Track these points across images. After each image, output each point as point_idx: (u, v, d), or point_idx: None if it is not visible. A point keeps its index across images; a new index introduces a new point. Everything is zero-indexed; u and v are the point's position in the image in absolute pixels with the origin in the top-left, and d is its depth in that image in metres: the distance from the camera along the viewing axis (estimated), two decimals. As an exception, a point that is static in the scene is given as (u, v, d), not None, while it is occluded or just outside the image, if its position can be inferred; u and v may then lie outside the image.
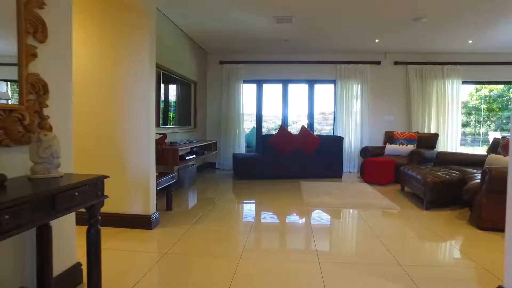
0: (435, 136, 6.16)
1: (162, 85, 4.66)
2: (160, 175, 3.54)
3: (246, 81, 7.24)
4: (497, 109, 12.27)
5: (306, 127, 7.05)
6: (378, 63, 6.91)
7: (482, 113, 12.29)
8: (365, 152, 6.31)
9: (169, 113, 5.14)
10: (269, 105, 7.54)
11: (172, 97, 5.30)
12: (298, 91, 7.41)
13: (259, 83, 7.33)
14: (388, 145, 6.36)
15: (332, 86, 7.19)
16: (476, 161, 4.93)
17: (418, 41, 6.00)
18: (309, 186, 5.26)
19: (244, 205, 4.33)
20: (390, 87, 7.00)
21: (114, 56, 3.01)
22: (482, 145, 11.10)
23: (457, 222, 3.53)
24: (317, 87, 7.30)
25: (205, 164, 7.17)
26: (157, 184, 3.31)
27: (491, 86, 11.58)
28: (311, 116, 7.32)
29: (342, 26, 5.24)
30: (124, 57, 3.00)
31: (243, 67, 7.11)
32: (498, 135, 9.18)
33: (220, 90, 7.20)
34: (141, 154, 3.03)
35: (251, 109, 7.52)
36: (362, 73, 6.91)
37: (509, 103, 12.41)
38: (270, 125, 8.10)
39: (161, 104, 4.63)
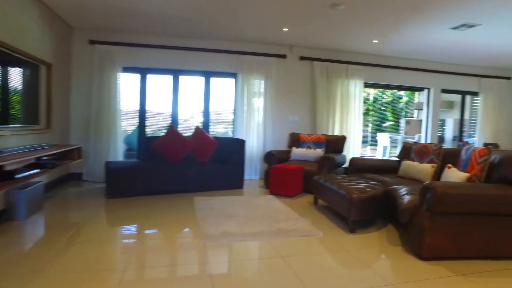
0: (343, 139, 5.70)
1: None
2: None
3: (126, 69, 5.69)
4: (372, 112, 13.29)
5: (201, 127, 5.91)
6: (284, 56, 6.18)
7: (369, 115, 13.05)
8: (269, 157, 5.47)
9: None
10: (157, 100, 6.13)
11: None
12: (191, 84, 6.18)
13: (143, 72, 5.86)
14: (294, 149, 5.66)
15: (232, 80, 6.18)
16: (389, 168, 4.53)
17: (325, 35, 5.42)
18: (206, 204, 4.13)
19: (108, 248, 2.92)
20: (295, 84, 6.35)
21: None
22: (371, 144, 11.73)
23: (393, 250, 2.86)
24: (215, 80, 6.20)
25: (67, 175, 5.39)
26: None
27: (369, 90, 12.36)
28: (206, 114, 6.18)
29: (249, 6, 4.25)
30: None
31: (122, 50, 5.54)
32: (385, 136, 9.56)
33: (90, 78, 5.49)
34: None
35: (133, 105, 5.99)
36: (266, 67, 6.07)
37: (382, 107, 13.68)
38: (161, 123, 6.67)
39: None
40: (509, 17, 4.33)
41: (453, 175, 3.25)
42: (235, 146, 5.32)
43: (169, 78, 5.99)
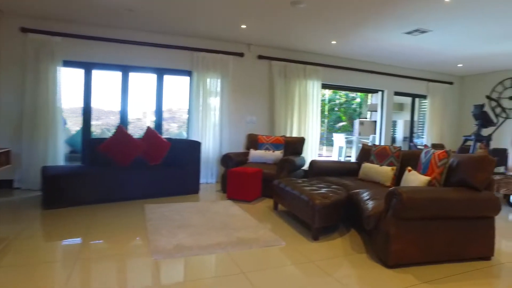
0: (302, 140, 5.60)
1: None
2: None
3: (67, 63, 5.10)
4: (327, 113, 13.57)
5: (153, 127, 5.51)
6: (241, 55, 5.95)
7: (324, 116, 13.23)
8: (226, 160, 5.21)
9: None
10: (105, 98, 5.59)
11: None
12: (143, 81, 5.74)
13: (88, 67, 5.30)
14: (252, 151, 5.46)
15: (187, 78, 5.83)
16: (349, 170, 4.48)
17: (285, 34, 5.28)
18: (158, 213, 3.78)
19: (41, 270, 2.49)
20: (253, 83, 6.15)
21: None
22: (326, 145, 11.88)
23: (358, 258, 2.75)
24: (168, 78, 5.81)
25: (-5, 182, 4.73)
26: None
27: (325, 91, 12.56)
28: (159, 113, 5.76)
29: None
30: None
31: (62, 42, 4.96)
32: (341, 137, 9.72)
33: (23, 71, 4.84)
34: None
35: (78, 103, 5.40)
36: (223, 65, 5.80)
37: (335, 108, 14.03)
38: (110, 122, 6.08)
39: None
40: (453, 25, 4.53)
41: (414, 178, 3.23)
42: (190, 148, 4.98)
43: (118, 74, 5.49)
